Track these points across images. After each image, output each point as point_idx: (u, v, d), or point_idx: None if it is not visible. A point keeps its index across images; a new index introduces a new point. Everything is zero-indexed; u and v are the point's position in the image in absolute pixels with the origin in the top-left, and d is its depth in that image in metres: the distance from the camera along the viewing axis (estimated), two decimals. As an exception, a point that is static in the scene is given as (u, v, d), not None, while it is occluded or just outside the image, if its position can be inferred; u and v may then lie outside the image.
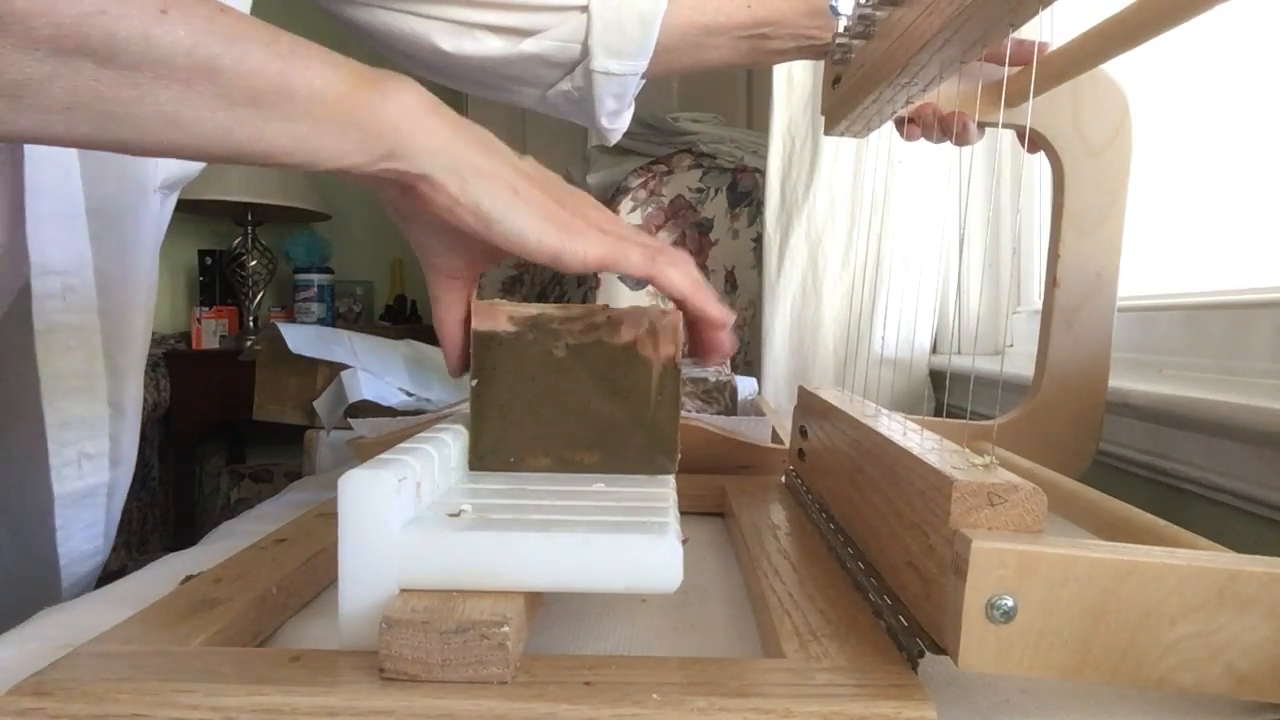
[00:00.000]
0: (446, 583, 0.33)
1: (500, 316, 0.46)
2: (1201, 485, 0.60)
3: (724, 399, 0.87)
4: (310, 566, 0.45)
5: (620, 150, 1.70)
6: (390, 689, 0.30)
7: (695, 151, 1.54)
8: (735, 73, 2.18)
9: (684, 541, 0.35)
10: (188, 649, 0.34)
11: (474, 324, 0.46)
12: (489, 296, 0.44)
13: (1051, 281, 0.62)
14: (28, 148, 0.54)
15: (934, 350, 1.19)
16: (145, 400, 2.59)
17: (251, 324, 2.65)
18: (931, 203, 1.14)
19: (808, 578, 0.42)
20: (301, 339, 0.97)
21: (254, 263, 2.65)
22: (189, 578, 0.43)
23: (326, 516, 0.54)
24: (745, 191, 1.52)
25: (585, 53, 0.67)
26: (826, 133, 0.61)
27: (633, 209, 1.48)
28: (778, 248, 1.22)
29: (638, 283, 1.47)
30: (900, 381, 1.17)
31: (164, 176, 0.63)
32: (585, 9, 0.66)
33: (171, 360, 2.49)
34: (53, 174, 0.55)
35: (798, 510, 0.56)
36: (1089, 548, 0.30)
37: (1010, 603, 0.30)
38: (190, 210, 2.55)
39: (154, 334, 2.65)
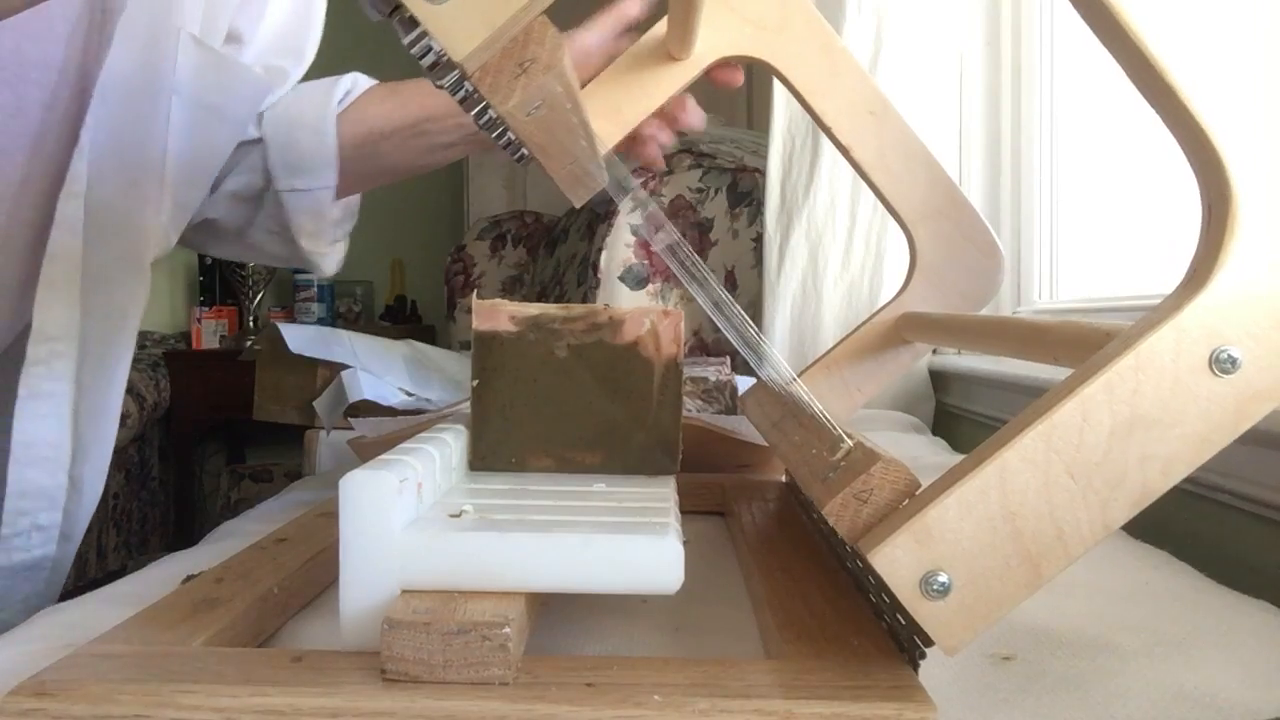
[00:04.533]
0: (448, 583, 0.33)
1: (501, 317, 0.46)
2: (1201, 485, 0.60)
3: (724, 399, 0.87)
4: (311, 566, 0.45)
5: (620, 150, 1.69)
6: (392, 690, 0.30)
7: (695, 151, 1.53)
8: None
9: (685, 543, 0.35)
10: (189, 649, 0.34)
11: (475, 324, 0.46)
12: (489, 296, 0.44)
13: (840, 144, 0.59)
14: (57, 215, 0.55)
15: (934, 350, 1.19)
16: (145, 400, 2.55)
17: (251, 324, 2.65)
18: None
19: (809, 578, 0.42)
20: (301, 339, 0.97)
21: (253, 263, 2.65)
22: (190, 578, 0.43)
23: (327, 516, 0.54)
24: (745, 191, 1.51)
25: (268, 178, 0.68)
26: (579, 205, 0.57)
27: (633, 209, 1.48)
28: (778, 248, 1.22)
29: (639, 282, 1.47)
30: (900, 382, 1.17)
31: (156, 252, 0.63)
32: (259, 140, 0.68)
33: (171, 360, 2.49)
34: (64, 239, 0.55)
35: (798, 509, 0.56)
36: (955, 476, 0.30)
37: (942, 577, 0.29)
38: (190, 210, 2.55)
39: (154, 334, 2.66)
